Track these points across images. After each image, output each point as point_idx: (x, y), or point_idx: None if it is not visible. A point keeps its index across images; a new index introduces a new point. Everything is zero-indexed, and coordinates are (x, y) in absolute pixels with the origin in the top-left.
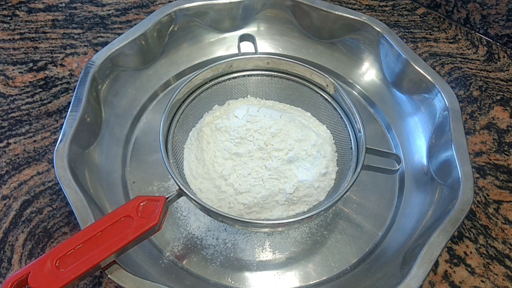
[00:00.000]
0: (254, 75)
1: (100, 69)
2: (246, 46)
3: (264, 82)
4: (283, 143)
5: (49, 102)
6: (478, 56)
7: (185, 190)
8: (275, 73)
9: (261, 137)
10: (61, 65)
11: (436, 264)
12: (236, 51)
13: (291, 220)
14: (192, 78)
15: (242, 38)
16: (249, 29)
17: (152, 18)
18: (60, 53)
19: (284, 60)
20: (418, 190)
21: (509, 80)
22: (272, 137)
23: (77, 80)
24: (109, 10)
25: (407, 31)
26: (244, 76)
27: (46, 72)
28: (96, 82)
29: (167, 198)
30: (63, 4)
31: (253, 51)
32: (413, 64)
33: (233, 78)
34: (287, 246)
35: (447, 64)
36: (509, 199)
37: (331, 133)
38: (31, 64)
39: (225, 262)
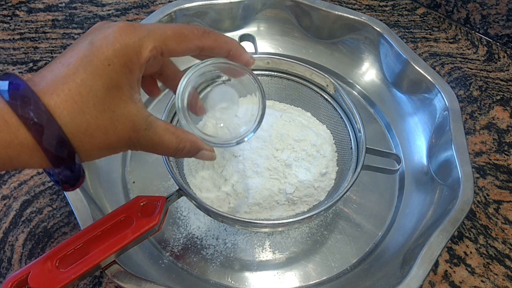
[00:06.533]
0: None
1: None
2: (246, 46)
3: (264, 82)
4: (283, 143)
5: None
6: (478, 56)
7: (185, 190)
8: (275, 73)
9: (261, 137)
10: None
11: (436, 264)
12: None
13: (291, 220)
14: None
15: (242, 38)
16: (249, 29)
17: (152, 18)
18: (60, 53)
19: (284, 60)
20: (418, 190)
21: (509, 80)
22: (272, 137)
23: None
24: (109, 10)
25: (407, 31)
26: None
27: None
28: None
29: (167, 198)
30: (63, 4)
31: (253, 51)
32: (413, 64)
33: None
34: (287, 246)
35: (447, 64)
36: (509, 199)
37: (331, 133)
38: (31, 64)
39: (225, 262)
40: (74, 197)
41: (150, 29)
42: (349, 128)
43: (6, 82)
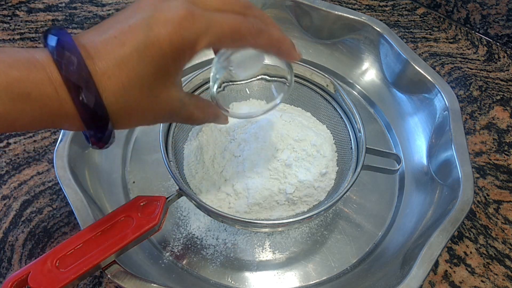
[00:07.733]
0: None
1: None
2: None
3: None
4: (283, 143)
5: None
6: (478, 56)
7: (185, 190)
8: None
9: (261, 137)
10: None
11: (436, 264)
12: None
13: (291, 220)
14: (192, 78)
15: None
16: None
17: None
18: None
19: None
20: (418, 190)
21: (509, 80)
22: (272, 137)
23: None
24: (109, 10)
25: (407, 31)
26: None
27: None
28: None
29: (167, 198)
30: (63, 4)
31: None
32: (413, 64)
33: None
34: (287, 246)
35: (447, 64)
36: (509, 199)
37: (331, 133)
38: None
39: (225, 262)
40: (74, 197)
41: (208, 24)
42: (349, 128)
43: (63, 52)
